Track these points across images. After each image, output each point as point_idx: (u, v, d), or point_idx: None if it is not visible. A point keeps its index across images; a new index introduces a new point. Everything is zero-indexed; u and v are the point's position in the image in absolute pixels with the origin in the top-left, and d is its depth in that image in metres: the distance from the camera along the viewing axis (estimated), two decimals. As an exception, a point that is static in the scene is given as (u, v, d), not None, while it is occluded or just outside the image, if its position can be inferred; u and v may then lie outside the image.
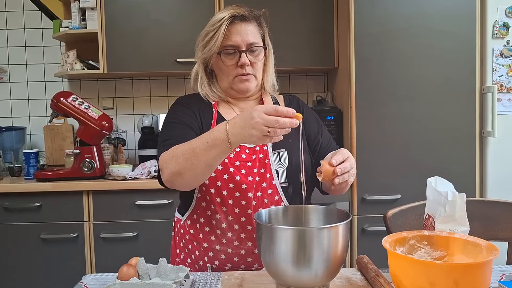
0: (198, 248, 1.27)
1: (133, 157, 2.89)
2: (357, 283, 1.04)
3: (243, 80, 1.26)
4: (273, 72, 1.34)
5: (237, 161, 1.22)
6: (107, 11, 2.49)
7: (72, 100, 2.37)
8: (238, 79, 1.26)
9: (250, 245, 1.22)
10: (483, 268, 0.83)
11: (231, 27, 1.23)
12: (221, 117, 1.29)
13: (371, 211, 2.25)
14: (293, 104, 1.37)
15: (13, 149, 2.64)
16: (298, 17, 2.51)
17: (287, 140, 1.24)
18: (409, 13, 2.23)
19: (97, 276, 1.13)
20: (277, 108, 0.97)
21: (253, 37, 1.25)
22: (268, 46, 1.31)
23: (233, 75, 1.26)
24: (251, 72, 1.26)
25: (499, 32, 2.22)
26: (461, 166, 2.25)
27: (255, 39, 1.25)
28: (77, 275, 1.28)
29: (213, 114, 1.29)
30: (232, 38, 1.23)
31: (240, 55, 1.23)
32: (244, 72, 1.25)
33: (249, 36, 1.24)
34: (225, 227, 1.22)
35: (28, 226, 2.30)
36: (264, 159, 1.23)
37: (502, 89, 2.24)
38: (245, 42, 1.23)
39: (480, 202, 1.43)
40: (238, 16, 1.23)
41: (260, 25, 1.29)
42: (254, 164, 1.22)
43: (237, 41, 1.23)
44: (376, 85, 2.25)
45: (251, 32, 1.25)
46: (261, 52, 1.27)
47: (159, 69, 2.54)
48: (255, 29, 1.26)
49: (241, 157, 1.23)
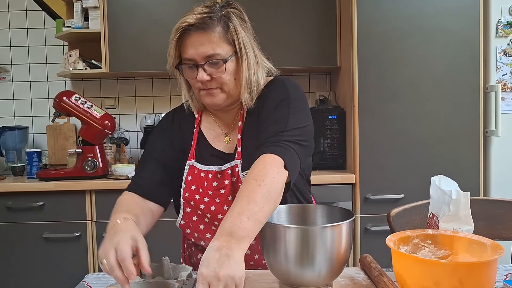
0: (202, 252, 1.23)
1: (136, 157, 2.88)
2: (361, 282, 1.03)
3: (207, 95, 1.12)
4: (252, 75, 1.12)
5: (210, 190, 1.14)
6: (109, 11, 2.49)
7: (74, 99, 2.37)
8: (202, 93, 1.13)
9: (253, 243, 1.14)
10: (488, 267, 0.82)
11: (186, 38, 1.08)
12: (202, 136, 1.21)
13: (374, 210, 2.25)
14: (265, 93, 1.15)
15: (15, 149, 2.64)
16: (300, 16, 2.50)
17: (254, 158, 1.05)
18: (411, 12, 2.22)
19: (100, 275, 1.13)
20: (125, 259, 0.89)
21: (210, 48, 1.07)
22: (242, 50, 1.10)
23: (198, 88, 1.14)
24: (215, 86, 1.11)
25: (503, 31, 2.21)
26: (464, 165, 2.24)
27: (213, 50, 1.07)
28: (80, 274, 1.27)
29: (194, 134, 1.21)
30: (187, 51, 1.09)
31: (198, 70, 1.09)
32: (205, 87, 1.12)
33: (206, 48, 1.06)
34: None
35: (30, 226, 2.30)
36: (237, 182, 1.12)
37: (505, 88, 2.23)
38: (200, 56, 1.07)
39: (484, 201, 1.42)
40: (194, 24, 1.07)
41: (226, 27, 1.09)
42: (227, 191, 1.12)
43: (191, 54, 1.08)
44: (378, 85, 2.24)
45: (208, 42, 1.07)
46: (224, 64, 1.08)
47: (161, 68, 2.50)
48: (216, 37, 1.07)
49: (212, 185, 1.14)
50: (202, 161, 1.17)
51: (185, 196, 1.17)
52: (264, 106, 1.13)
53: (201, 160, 1.17)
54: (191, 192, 1.15)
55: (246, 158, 1.12)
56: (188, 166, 1.17)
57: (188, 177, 1.16)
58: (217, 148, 1.19)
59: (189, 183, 1.16)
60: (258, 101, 1.15)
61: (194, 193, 1.15)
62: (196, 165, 1.17)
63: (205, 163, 1.17)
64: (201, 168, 1.16)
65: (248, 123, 1.17)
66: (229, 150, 1.18)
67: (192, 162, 1.17)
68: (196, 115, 1.24)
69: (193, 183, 1.16)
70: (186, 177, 1.17)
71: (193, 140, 1.20)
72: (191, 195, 1.15)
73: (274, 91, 1.14)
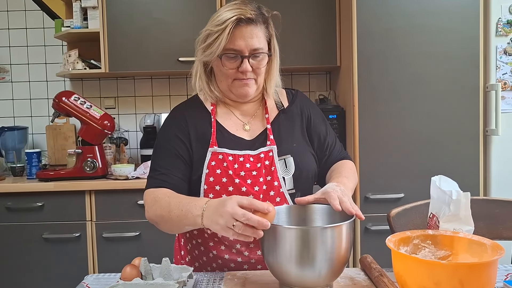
0: (206, 255, 1.24)
1: (135, 157, 2.88)
2: (361, 282, 1.03)
3: (243, 85, 1.21)
4: (277, 74, 1.29)
5: (242, 171, 1.19)
6: (108, 11, 2.49)
7: (74, 99, 2.37)
8: (237, 82, 1.21)
9: (260, 254, 1.19)
10: (488, 267, 0.82)
11: (235, 29, 1.15)
12: (219, 125, 1.25)
13: (375, 210, 2.24)
14: (295, 99, 1.33)
15: (15, 149, 2.64)
16: (300, 16, 2.50)
17: (292, 145, 1.23)
18: (411, 11, 2.21)
19: (99, 276, 1.13)
20: (252, 202, 0.93)
21: (257, 42, 1.17)
22: (274, 50, 1.25)
23: (232, 78, 1.21)
24: (252, 77, 1.21)
25: (503, 30, 2.21)
26: (465, 165, 2.24)
27: (259, 44, 1.18)
28: (80, 275, 1.27)
29: (212, 123, 1.25)
30: (236, 42, 1.16)
31: (242, 60, 1.18)
32: (244, 77, 1.20)
33: (253, 41, 1.16)
34: (233, 239, 1.17)
35: (30, 226, 2.30)
36: (270, 166, 1.20)
37: (505, 87, 2.22)
38: (248, 48, 1.17)
39: (484, 201, 1.42)
40: (245, 18, 1.15)
41: (267, 27, 1.21)
42: (260, 173, 1.19)
43: (240, 46, 1.16)
44: (378, 84, 2.24)
45: (256, 36, 1.17)
46: (265, 58, 1.21)
47: (161, 68, 2.54)
48: (260, 33, 1.18)
49: (245, 166, 1.19)
50: (226, 147, 1.21)
51: (209, 182, 1.18)
52: (312, 119, 1.32)
53: (224, 146, 1.22)
54: (217, 176, 1.18)
55: (278, 145, 1.23)
56: (210, 152, 1.20)
57: (212, 163, 1.19)
58: (238, 135, 1.25)
59: (212, 168, 1.19)
60: (291, 105, 1.31)
61: (221, 177, 1.18)
62: (222, 150, 1.20)
63: (230, 148, 1.21)
64: (229, 153, 1.20)
65: (282, 119, 1.29)
66: (250, 137, 1.25)
67: (215, 149, 1.21)
68: (211, 107, 1.28)
69: (218, 167, 1.19)
70: (209, 163, 1.19)
71: (212, 129, 1.24)
72: (217, 179, 1.18)
73: (313, 105, 1.38)
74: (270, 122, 1.26)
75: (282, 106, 1.31)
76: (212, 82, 1.28)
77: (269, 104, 1.30)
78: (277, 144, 1.22)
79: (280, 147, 1.22)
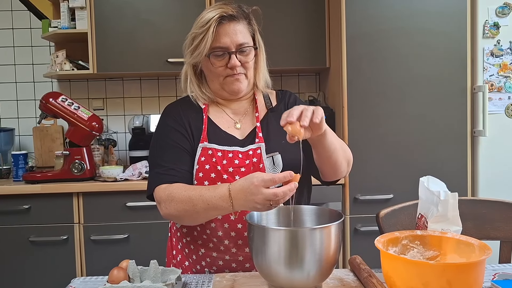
0: (196, 253, 1.25)
1: (124, 158, 2.86)
2: (350, 283, 1.03)
3: (234, 81, 1.24)
4: (265, 69, 1.32)
5: (230, 167, 1.20)
6: (96, 11, 2.46)
7: (61, 100, 2.34)
8: (228, 79, 1.24)
9: (247, 251, 1.20)
10: (476, 267, 0.83)
11: (219, 28, 1.19)
12: (211, 122, 1.27)
13: (364, 211, 2.25)
14: (285, 99, 1.35)
15: (1, 151, 2.60)
16: (289, 17, 2.50)
17: (280, 142, 1.24)
18: (400, 13, 2.23)
19: (86, 279, 1.11)
20: (274, 178, 0.97)
21: (242, 37, 1.21)
22: (259, 44, 1.28)
23: (223, 75, 1.24)
24: (242, 71, 1.24)
25: (490, 32, 2.23)
26: (453, 166, 2.25)
27: (244, 39, 1.22)
28: (67, 278, 1.25)
29: (203, 119, 1.27)
30: (221, 40, 1.19)
31: (230, 56, 1.21)
32: (234, 73, 1.23)
33: (238, 37, 1.20)
34: (221, 235, 1.19)
35: (17, 229, 2.27)
36: (258, 163, 1.21)
37: (492, 88, 2.24)
38: (234, 43, 1.20)
39: (472, 201, 1.43)
40: (227, 16, 1.19)
41: (249, 23, 1.25)
42: (248, 170, 1.20)
43: (226, 42, 1.20)
44: (367, 85, 2.25)
45: (240, 31, 1.21)
46: (251, 52, 1.24)
47: (150, 69, 2.52)
48: (244, 28, 1.23)
49: (234, 163, 1.20)
50: (216, 143, 1.23)
51: (198, 177, 1.20)
52: None
53: (215, 142, 1.23)
54: (206, 171, 1.20)
55: (267, 143, 1.25)
56: (200, 148, 1.22)
57: (201, 158, 1.21)
58: (229, 133, 1.27)
59: (202, 163, 1.21)
60: (279, 104, 1.33)
61: (209, 172, 1.19)
62: (211, 146, 1.22)
63: (220, 144, 1.23)
64: (218, 148, 1.22)
65: (271, 118, 1.30)
66: (241, 135, 1.27)
67: (206, 144, 1.23)
68: (203, 105, 1.30)
69: (207, 163, 1.20)
70: (199, 159, 1.21)
71: (203, 125, 1.26)
72: (206, 174, 1.20)
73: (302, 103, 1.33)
74: (259, 120, 1.29)
75: (271, 105, 1.33)
76: (203, 84, 1.31)
77: (259, 103, 1.32)
78: (265, 141, 1.24)
79: (268, 145, 1.24)
